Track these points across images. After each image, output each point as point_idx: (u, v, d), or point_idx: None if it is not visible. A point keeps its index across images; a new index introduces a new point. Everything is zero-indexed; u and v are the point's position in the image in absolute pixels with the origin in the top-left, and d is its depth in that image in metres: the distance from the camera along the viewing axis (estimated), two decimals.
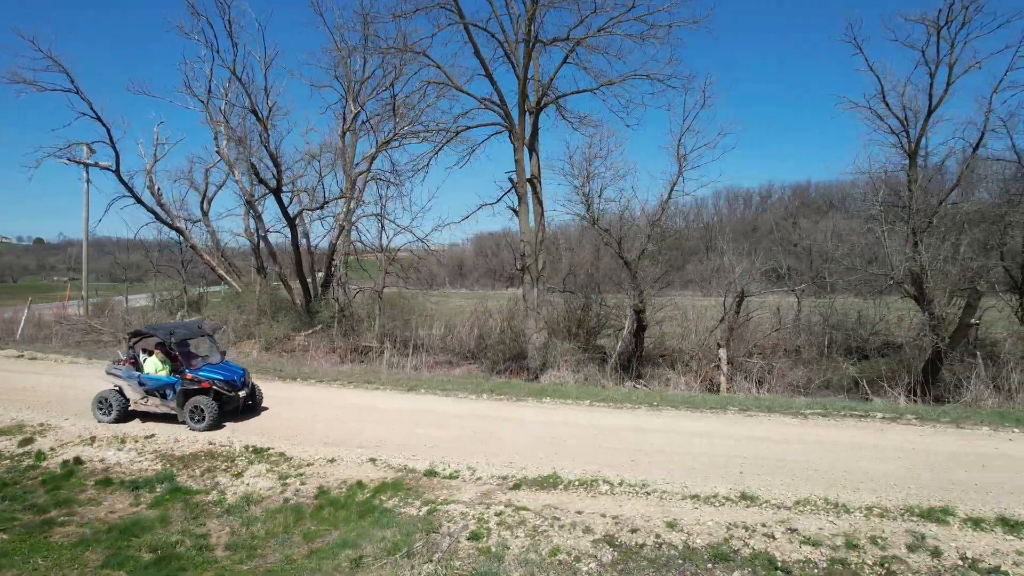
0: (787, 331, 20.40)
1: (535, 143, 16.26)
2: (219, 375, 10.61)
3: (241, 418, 10.86)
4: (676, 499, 7.34)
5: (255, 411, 11.31)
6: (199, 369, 10.65)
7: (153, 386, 10.62)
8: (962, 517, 6.63)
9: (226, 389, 10.51)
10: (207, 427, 10.14)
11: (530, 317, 16.46)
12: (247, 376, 11.25)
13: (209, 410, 10.16)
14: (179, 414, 10.40)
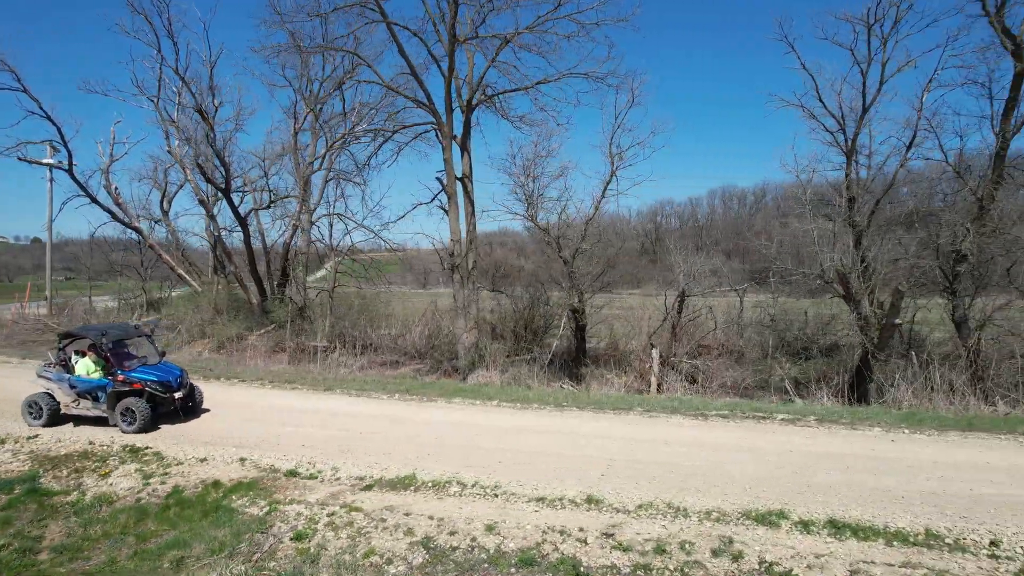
0: (730, 331, 20.30)
1: (467, 142, 16.22)
2: (153, 376, 10.37)
3: (178, 420, 10.62)
4: (521, 501, 7.28)
5: (195, 413, 11.09)
6: (132, 370, 10.41)
7: (84, 388, 10.42)
8: (794, 520, 6.54)
9: (160, 390, 10.24)
10: (138, 429, 9.88)
11: (459, 317, 16.42)
12: (185, 377, 11.00)
13: (140, 412, 9.90)
14: (110, 417, 10.16)
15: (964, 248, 14.79)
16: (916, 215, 16.74)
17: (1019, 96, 13.83)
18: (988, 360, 15.07)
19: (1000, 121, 14.16)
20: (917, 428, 10.13)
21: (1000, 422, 10.68)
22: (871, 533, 6.24)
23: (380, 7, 13.73)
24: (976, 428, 10.17)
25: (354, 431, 10.14)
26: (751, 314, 21.27)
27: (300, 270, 24.63)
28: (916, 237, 16.51)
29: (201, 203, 22.69)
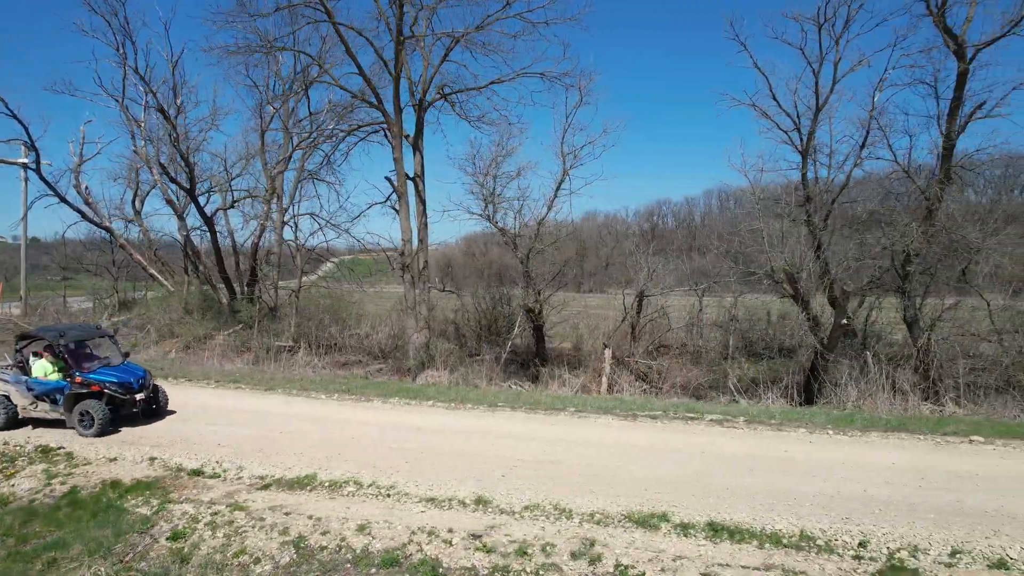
0: (693, 331, 20.27)
1: (419, 142, 16.18)
2: (112, 377, 10.08)
3: (141, 422, 10.33)
4: (411, 502, 7.26)
5: (159, 415, 10.84)
6: (91, 372, 10.11)
7: (41, 391, 10.15)
8: (676, 523, 6.50)
9: (120, 392, 9.96)
10: (97, 433, 9.61)
11: (410, 316, 16.41)
12: (148, 378, 10.73)
13: (98, 415, 9.63)
14: (67, 420, 9.88)
15: (912, 248, 14.73)
16: (872, 215, 16.66)
17: (963, 96, 13.76)
18: (938, 360, 15.05)
19: (946, 121, 14.10)
20: (843, 429, 10.07)
21: (930, 422, 10.62)
22: (747, 535, 6.20)
23: (325, 7, 13.71)
24: (902, 429, 10.11)
25: (275, 431, 10.13)
26: (715, 314, 21.21)
27: (271, 269, 24.67)
28: (873, 237, 16.45)
29: (168, 203, 22.69)
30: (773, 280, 15.09)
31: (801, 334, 16.22)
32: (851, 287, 14.16)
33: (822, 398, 14.19)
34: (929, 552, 5.79)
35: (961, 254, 15.05)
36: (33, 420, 10.34)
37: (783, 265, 14.39)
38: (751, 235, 15.34)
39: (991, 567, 5.54)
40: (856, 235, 16.93)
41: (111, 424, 9.84)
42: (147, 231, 26.00)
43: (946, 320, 16.11)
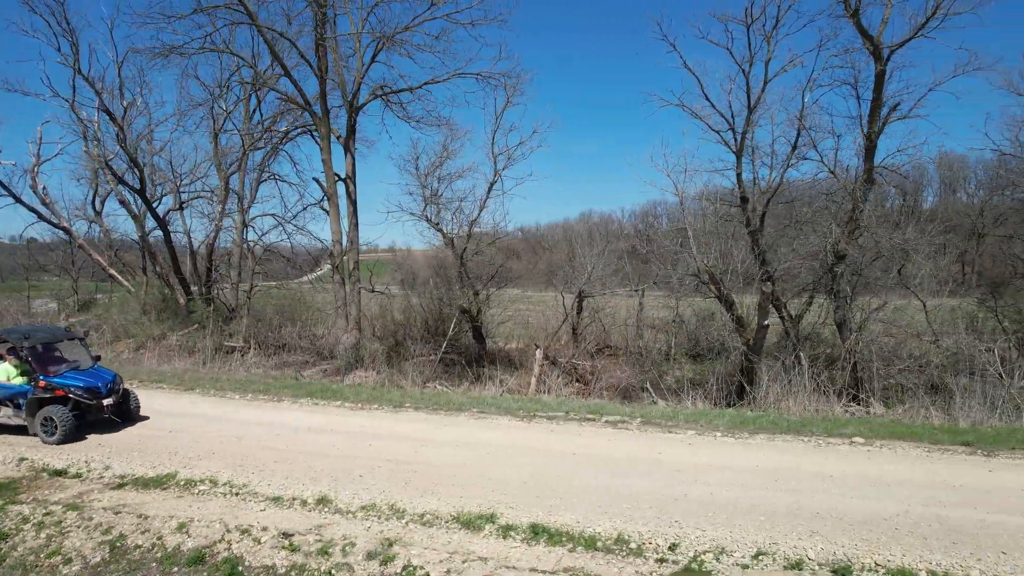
0: (641, 331, 20.21)
1: (350, 143, 16.20)
2: (78, 382, 9.68)
3: (108, 429, 9.94)
4: (255, 500, 7.25)
5: (131, 419, 10.50)
6: (56, 376, 9.68)
7: (3, 395, 9.76)
8: (501, 524, 6.48)
9: (86, 397, 9.55)
10: (60, 440, 9.21)
11: (340, 317, 16.42)
12: (117, 382, 10.39)
13: (62, 421, 9.24)
14: (29, 425, 9.49)
15: (838, 250, 14.69)
16: (807, 215, 16.60)
17: (882, 97, 13.71)
18: (864, 361, 15.01)
19: (867, 122, 14.05)
20: (734, 431, 10.04)
21: (827, 424, 10.59)
22: (565, 538, 6.18)
23: (247, 8, 13.74)
24: (796, 431, 10.09)
25: (164, 430, 10.14)
26: (664, 315, 21.14)
27: (228, 270, 24.74)
28: (808, 239, 16.39)
29: (123, 204, 22.77)
30: (699, 280, 15.03)
31: (725, 335, 16.17)
32: (771, 288, 14.09)
33: (745, 399, 14.14)
34: (734, 554, 5.75)
35: (887, 255, 15.02)
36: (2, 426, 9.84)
37: (705, 266, 14.34)
38: (677, 235, 15.29)
39: (787, 568, 5.50)
40: (800, 236, 16.89)
41: (76, 431, 9.45)
42: (107, 232, 26.09)
43: (879, 321, 16.08)
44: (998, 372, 14.35)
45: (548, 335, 18.72)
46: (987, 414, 12.35)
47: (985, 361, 14.61)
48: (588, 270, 17.91)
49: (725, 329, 15.93)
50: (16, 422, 9.67)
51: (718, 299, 15.16)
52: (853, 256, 14.81)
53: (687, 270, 14.99)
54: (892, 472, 7.84)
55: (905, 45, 13.07)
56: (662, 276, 16.55)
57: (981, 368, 14.60)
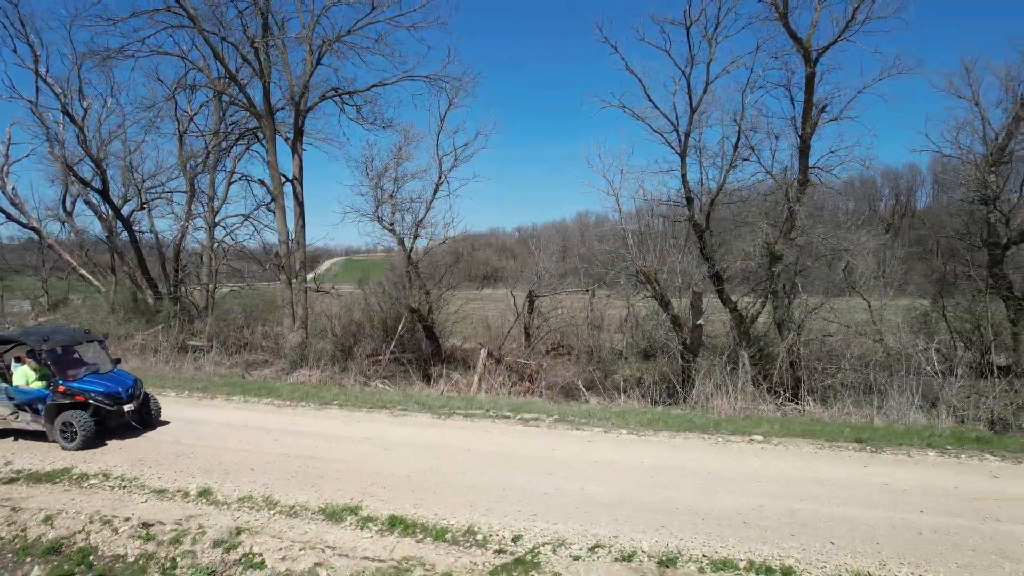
0: (594, 331, 20.35)
1: (298, 145, 16.39)
2: (99, 387, 9.31)
3: (129, 434, 9.63)
4: (142, 492, 7.43)
5: (151, 425, 10.10)
6: (75, 380, 9.30)
7: (22, 400, 9.37)
8: (363, 516, 6.63)
9: (106, 403, 9.20)
10: (80, 446, 8.85)
11: (285, 316, 16.60)
12: (138, 387, 10.03)
13: (82, 427, 8.88)
14: (48, 432, 9.15)
15: (775, 250, 14.82)
16: (748, 217, 16.72)
17: (812, 99, 13.85)
18: (803, 360, 15.13)
19: (801, 124, 14.18)
20: (637, 429, 10.16)
21: (734, 423, 10.72)
22: (419, 529, 6.33)
23: (188, 12, 13.94)
24: (702, 429, 10.22)
25: None
26: (622, 313, 21.26)
27: (195, 269, 24.98)
28: (752, 239, 16.51)
29: (88, 204, 23.03)
30: (638, 280, 15.17)
31: (662, 334, 16.31)
32: (701, 288, 14.23)
33: (676, 399, 14.27)
34: (571, 546, 5.89)
35: (827, 256, 15.14)
36: (15, 431, 9.60)
37: (640, 266, 14.48)
38: (615, 236, 15.45)
39: (617, 560, 5.64)
40: (741, 237, 17.02)
41: (97, 437, 9.16)
42: (78, 232, 26.35)
43: (826, 320, 16.24)
44: (934, 371, 14.47)
45: (502, 335, 18.89)
46: (915, 412, 12.47)
47: (921, 361, 14.74)
48: (538, 271, 18.07)
49: (660, 328, 16.05)
50: (35, 427, 9.34)
51: (655, 298, 15.29)
52: (790, 257, 14.94)
53: (626, 270, 15.14)
54: (773, 468, 7.98)
55: (831, 48, 13.26)
56: (600, 276, 16.71)
57: (916, 367, 14.75)
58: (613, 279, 18.65)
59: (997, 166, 16.06)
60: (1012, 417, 12.14)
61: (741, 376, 13.73)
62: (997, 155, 15.98)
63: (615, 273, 15.23)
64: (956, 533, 5.99)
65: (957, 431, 10.77)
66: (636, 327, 19.99)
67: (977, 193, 16.20)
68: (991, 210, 15.93)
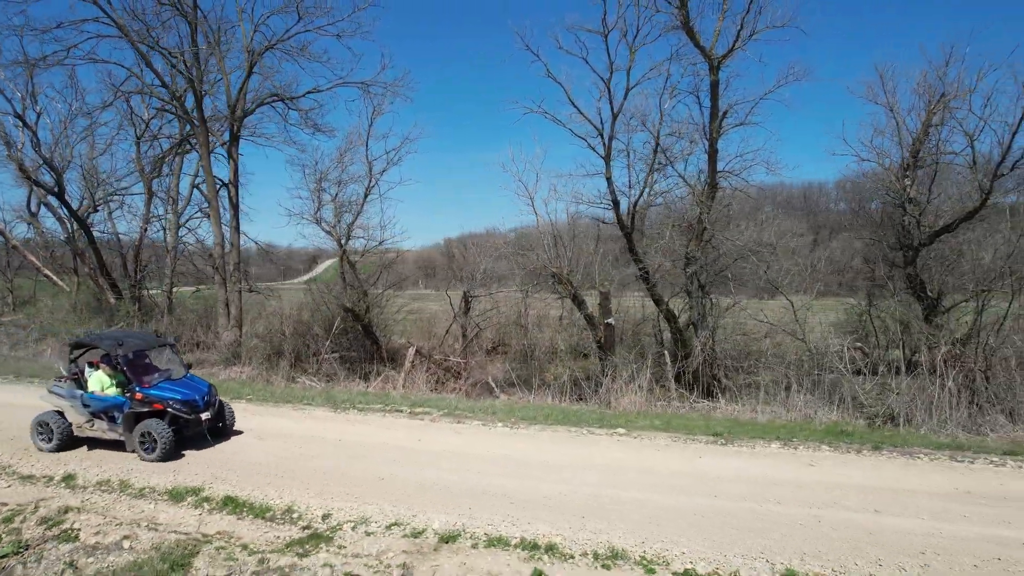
0: (538, 329, 20.83)
1: (233, 150, 16.95)
2: (176, 394, 8.89)
3: (205, 444, 9.12)
4: (9, 478, 7.92)
5: (225, 434, 9.66)
6: (152, 387, 8.87)
7: (98, 407, 8.90)
8: (203, 496, 7.14)
9: (184, 411, 8.79)
10: (160, 457, 8.38)
11: (221, 315, 17.13)
12: (213, 393, 9.55)
13: (162, 437, 8.41)
14: (127, 441, 8.70)
15: (688, 251, 15.30)
16: (672, 219, 17.20)
17: (718, 106, 14.33)
18: (717, 358, 15.62)
19: (709, 129, 14.66)
20: (514, 423, 10.59)
21: (612, 418, 11.18)
22: (246, 508, 6.83)
23: (116, 21, 14.49)
24: (561, 423, 10.66)
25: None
26: (559, 313, 21.75)
27: (156, 269, 25.54)
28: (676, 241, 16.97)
29: (46, 206, 23.61)
30: (555, 280, 15.66)
31: (578, 334, 16.79)
32: (608, 287, 14.71)
33: (583, 395, 14.74)
34: (371, 524, 6.37)
35: (738, 256, 15.61)
36: (89, 440, 9.20)
37: (554, 267, 14.98)
38: (533, 238, 15.94)
39: (407, 536, 6.12)
40: (671, 238, 17.48)
41: (176, 448, 8.71)
42: (42, 233, 26.91)
43: (751, 318, 16.72)
44: (845, 369, 14.94)
45: (440, 334, 19.39)
46: (823, 409, 12.94)
47: (834, 359, 15.20)
48: (472, 272, 18.60)
49: (574, 327, 16.54)
50: (111, 436, 8.90)
51: (569, 298, 15.78)
52: (707, 258, 15.40)
53: (544, 270, 15.64)
54: (609, 458, 8.46)
55: (731, 56, 13.73)
56: (533, 277, 17.22)
57: (829, 365, 15.22)
58: (542, 280, 19.20)
59: (911, 170, 16.55)
60: (905, 411, 12.60)
61: (646, 374, 14.23)
62: (911, 159, 16.48)
63: (538, 275, 15.71)
64: (731, 514, 6.47)
65: (834, 426, 11.28)
66: (572, 327, 20.50)
67: (890, 197, 16.71)
68: (905, 213, 16.43)
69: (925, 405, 12.50)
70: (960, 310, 16.35)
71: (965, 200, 15.61)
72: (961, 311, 16.31)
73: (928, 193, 16.24)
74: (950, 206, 16.05)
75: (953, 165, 16.18)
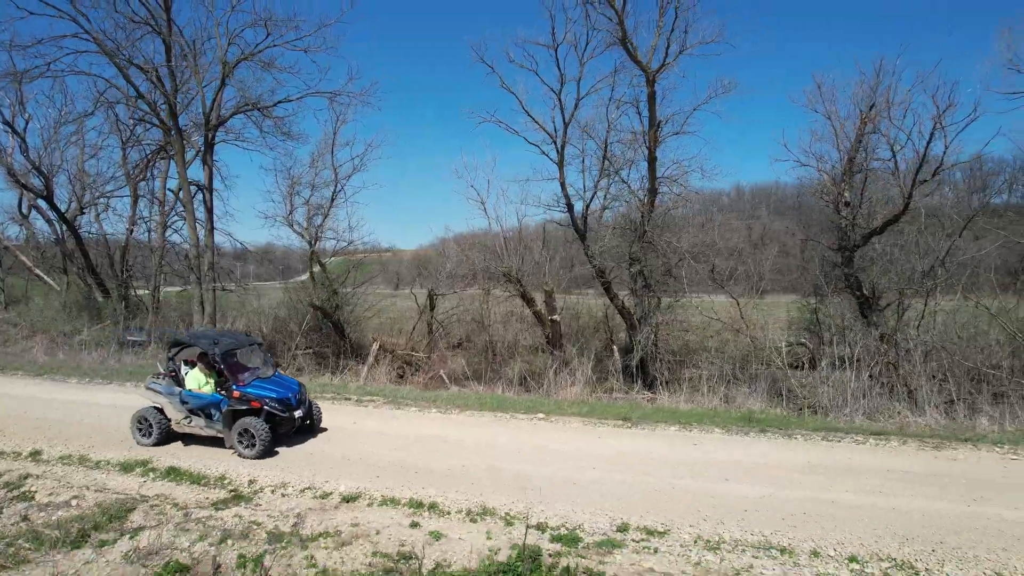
0: (505, 326, 21.85)
1: (208, 157, 18.00)
2: (271, 392, 9.17)
3: (295, 440, 9.44)
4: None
5: (312, 432, 9.90)
6: (248, 385, 9.14)
7: (196, 405, 9.17)
8: (150, 467, 8.18)
9: (280, 409, 9.05)
10: (259, 454, 8.62)
11: (196, 313, 18.15)
12: (303, 392, 9.86)
13: (260, 434, 8.63)
14: (226, 438, 8.98)
15: (631, 252, 16.33)
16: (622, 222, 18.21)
17: (655, 115, 15.34)
18: (658, 353, 16.64)
19: (648, 138, 15.68)
20: (449, 410, 11.52)
21: (544, 404, 12.18)
22: (187, 477, 7.84)
23: (94, 37, 15.54)
24: (484, 409, 11.66)
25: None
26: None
27: (137, 269, 26.57)
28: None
29: (36, 209, 24.63)
30: (507, 280, 16.69)
31: (521, 331, 17.78)
32: (551, 286, 15.73)
33: (528, 387, 15.75)
34: (289, 488, 7.43)
35: (666, 257, 16.61)
36: (185, 436, 9.48)
37: (504, 267, 16.00)
38: (487, 240, 16.96)
39: (316, 497, 7.15)
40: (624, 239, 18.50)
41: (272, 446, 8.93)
42: (33, 234, 27.95)
43: (706, 315, 17.77)
44: (782, 364, 15.98)
45: (407, 331, 20.42)
46: (758, 400, 13.97)
47: (772, 354, 16.24)
48: (438, 272, 19.64)
49: (523, 324, 17.54)
50: (208, 433, 9.18)
51: (519, 296, 16.80)
52: (644, 260, 16.43)
53: (497, 270, 16.69)
54: (521, 439, 9.47)
55: (665, 69, 14.75)
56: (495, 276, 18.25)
57: (766, 361, 16.27)
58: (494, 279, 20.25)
59: (848, 175, 17.58)
60: (828, 401, 13.61)
61: (587, 367, 15.26)
62: (847, 165, 17.50)
63: (490, 274, 16.73)
64: (600, 482, 7.50)
65: (748, 414, 12.26)
66: (535, 325, 21.53)
67: (825, 200, 17.73)
68: (842, 216, 17.45)
69: (845, 396, 13.52)
70: (894, 308, 17.39)
71: (891, 204, 16.66)
72: (895, 309, 17.34)
73: (860, 198, 17.26)
74: (880, 209, 17.08)
75: (882, 172, 17.19)
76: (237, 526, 6.35)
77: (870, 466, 8.02)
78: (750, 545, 5.83)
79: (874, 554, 5.61)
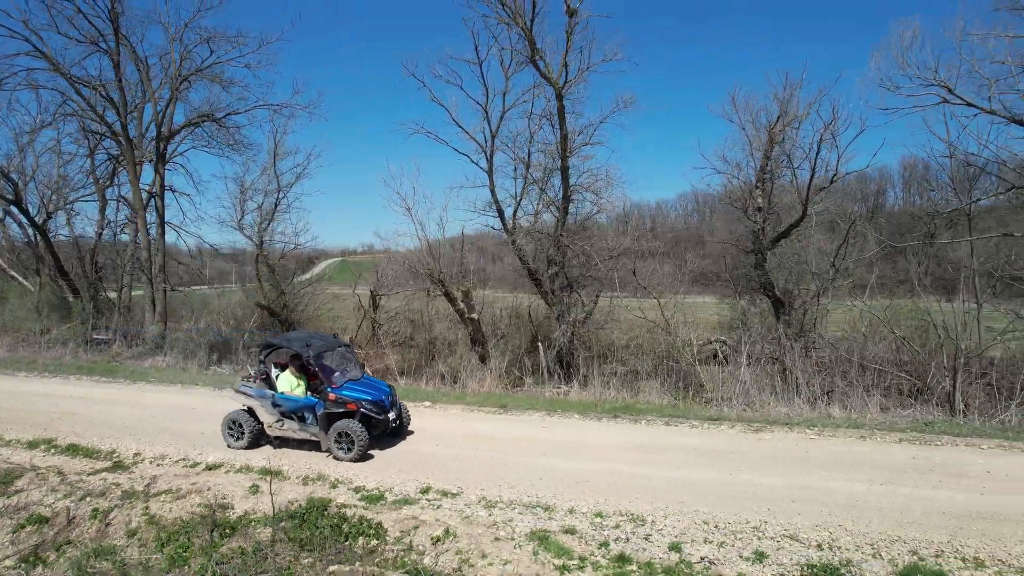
0: (450, 326, 22.98)
1: (160, 166, 19.21)
2: (366, 395, 9.04)
3: (387, 443, 9.41)
4: None
5: (401, 434, 9.85)
6: (342, 387, 8.99)
7: (289, 408, 9.03)
8: (55, 444, 9.32)
9: (374, 411, 8.96)
10: (356, 457, 8.56)
11: (147, 311, 19.33)
12: (394, 394, 9.82)
13: (359, 437, 8.57)
14: (323, 441, 8.87)
15: (549, 255, 17.45)
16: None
17: (565, 128, 16.46)
18: (576, 350, 17.75)
19: (560, 149, 16.81)
20: None
21: (427, 394, 13.28)
22: (81, 452, 8.99)
23: (47, 56, 16.73)
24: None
25: None
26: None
27: (119, 269, 27.77)
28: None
29: (7, 212, 25.83)
30: (431, 280, 17.81)
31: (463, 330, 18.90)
32: (467, 286, 16.86)
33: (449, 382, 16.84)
34: (167, 459, 8.58)
35: (597, 259, 17.73)
36: (276, 438, 9.38)
37: (428, 269, 17.15)
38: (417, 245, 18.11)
39: (187, 467, 8.29)
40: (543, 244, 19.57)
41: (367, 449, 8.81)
42: (8, 236, 29.16)
43: (610, 315, 18.87)
44: (694, 360, 17.10)
45: (354, 328, 21.59)
46: (664, 394, 15.01)
47: (685, 351, 17.36)
48: (380, 273, 20.82)
49: (448, 321, 18.68)
50: (302, 436, 9.08)
51: (444, 296, 17.93)
52: (561, 262, 17.54)
53: (427, 272, 17.83)
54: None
55: (571, 85, 15.89)
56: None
57: (676, 357, 17.40)
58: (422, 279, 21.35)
59: (761, 183, 18.71)
60: (731, 395, 14.70)
61: (502, 362, 16.40)
62: (759, 173, 18.64)
63: (417, 275, 17.87)
64: (468, 459, 8.55)
65: (631, 404, 13.35)
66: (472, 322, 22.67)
67: (737, 206, 18.87)
68: (753, 221, 18.58)
69: (744, 390, 14.63)
70: (799, 308, 18.49)
71: (795, 211, 17.79)
72: (799, 309, 18.45)
73: (768, 204, 18.39)
74: (786, 216, 18.21)
75: (785, 181, 18.32)
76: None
77: (682, 445, 9.11)
78: (521, 504, 6.94)
79: (618, 511, 6.70)
